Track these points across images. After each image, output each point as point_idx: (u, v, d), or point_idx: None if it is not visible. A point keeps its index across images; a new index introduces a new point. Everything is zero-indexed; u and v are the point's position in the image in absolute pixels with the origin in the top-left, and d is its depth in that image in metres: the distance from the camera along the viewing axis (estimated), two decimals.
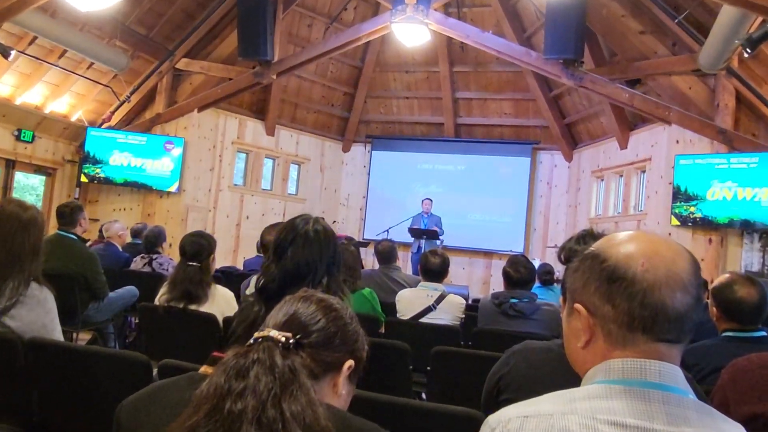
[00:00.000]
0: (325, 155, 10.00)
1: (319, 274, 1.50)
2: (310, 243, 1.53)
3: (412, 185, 9.71)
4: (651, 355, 0.78)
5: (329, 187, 10.05)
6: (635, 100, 6.60)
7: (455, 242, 9.03)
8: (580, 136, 8.90)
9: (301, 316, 0.91)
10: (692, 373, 1.84)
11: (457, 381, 2.29)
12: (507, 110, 9.40)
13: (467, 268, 9.39)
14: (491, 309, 2.97)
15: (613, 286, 0.80)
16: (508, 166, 9.29)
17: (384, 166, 9.96)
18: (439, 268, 3.23)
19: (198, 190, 8.24)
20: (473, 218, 9.37)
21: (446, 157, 9.60)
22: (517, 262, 2.97)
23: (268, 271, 1.52)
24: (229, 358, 0.82)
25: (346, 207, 10.18)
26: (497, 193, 9.27)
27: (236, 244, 8.72)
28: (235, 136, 8.73)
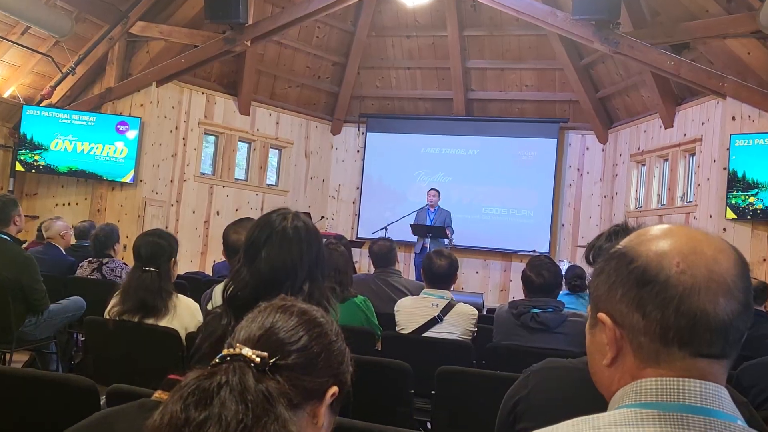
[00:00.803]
0: (311, 138, 10.01)
1: (300, 279, 1.51)
2: (289, 242, 1.54)
3: (415, 173, 9.71)
4: (690, 372, 0.78)
5: (316, 176, 10.07)
6: (682, 69, 6.58)
7: (467, 241, 9.03)
8: (617, 113, 8.92)
9: (279, 331, 0.91)
10: (749, 396, 1.83)
11: (467, 407, 2.30)
12: (528, 82, 9.40)
13: (481, 271, 9.41)
14: (509, 321, 3.00)
15: (643, 291, 0.80)
16: (530, 150, 9.28)
17: (381, 151, 9.96)
18: (445, 272, 3.24)
19: (158, 181, 8.24)
20: (488, 212, 9.37)
21: (455, 139, 9.61)
22: (540, 264, 2.99)
23: (237, 277, 1.53)
24: (189, 380, 0.81)
25: (336, 200, 10.19)
26: (517, 182, 9.26)
27: (204, 245, 8.75)
28: (202, 115, 8.74)
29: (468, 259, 9.29)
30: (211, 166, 9.05)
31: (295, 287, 1.49)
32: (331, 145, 10.22)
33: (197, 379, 0.81)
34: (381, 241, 4.29)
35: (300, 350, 0.90)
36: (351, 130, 10.22)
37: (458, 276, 3.42)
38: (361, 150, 10.11)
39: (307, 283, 1.52)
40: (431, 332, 3.16)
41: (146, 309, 2.67)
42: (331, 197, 10.19)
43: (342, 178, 10.19)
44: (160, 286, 2.69)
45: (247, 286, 1.50)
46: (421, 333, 3.17)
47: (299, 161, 9.87)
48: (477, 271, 9.39)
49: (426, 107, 10.05)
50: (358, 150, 10.15)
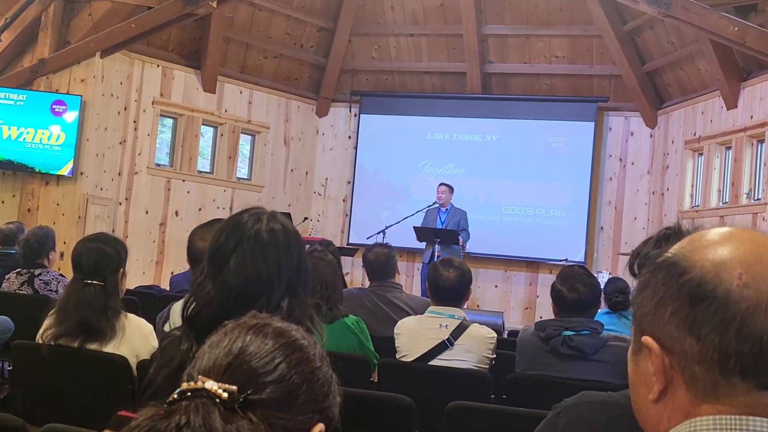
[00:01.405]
0: (292, 122, 10.01)
1: (277, 294, 1.53)
2: (264, 248, 1.56)
3: (420, 165, 9.72)
4: (755, 409, 0.78)
5: (298, 168, 10.08)
6: (748, 36, 6.58)
7: (484, 248, 9.00)
8: (668, 91, 8.94)
9: (251, 358, 0.90)
10: None
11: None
12: (560, 52, 9.43)
13: (501, 285, 9.42)
14: (535, 345, 3.02)
15: (697, 310, 0.80)
16: (562, 135, 9.29)
17: (378, 137, 9.95)
18: (455, 286, 3.26)
19: (102, 174, 8.26)
20: (510, 213, 9.38)
21: (469, 122, 9.61)
22: (573, 276, 3.02)
23: (201, 291, 1.55)
24: (141, 421, 0.81)
25: (322, 197, 10.20)
26: (545, 176, 9.26)
27: (159, 253, 8.78)
28: (158, 93, 8.75)
29: (485, 271, 9.30)
30: (168, 155, 9.05)
31: (271, 303, 1.51)
32: (316, 130, 10.22)
33: (151, 419, 0.80)
34: (378, 247, 4.31)
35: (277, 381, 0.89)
36: (341, 112, 10.21)
37: (472, 291, 3.44)
38: (353, 136, 10.11)
39: (286, 299, 1.53)
40: (439, 360, 3.18)
41: (88, 331, 2.67)
42: (316, 194, 10.19)
43: (330, 170, 10.18)
44: (105, 304, 2.69)
45: (213, 303, 1.51)
46: (426, 361, 3.18)
47: (277, 150, 9.87)
48: (496, 284, 9.39)
49: (433, 83, 10.06)
50: (350, 136, 10.14)
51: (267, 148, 9.75)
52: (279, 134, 9.88)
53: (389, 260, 4.17)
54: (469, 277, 3.32)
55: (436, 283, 3.28)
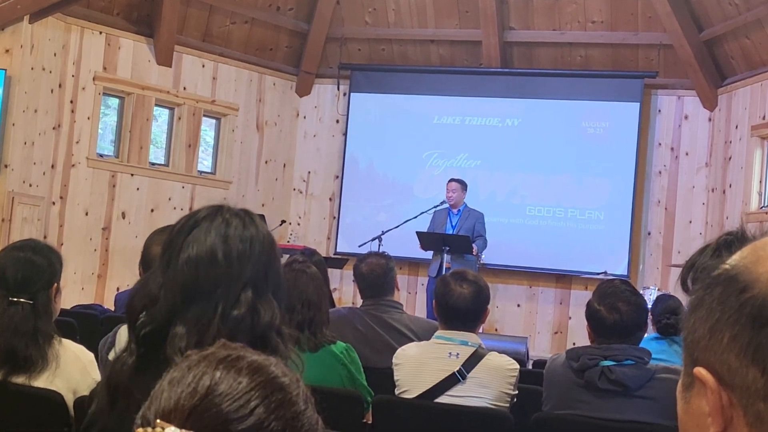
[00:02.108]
0: (267, 102, 10.03)
1: (236, 285, 1.57)
2: (223, 235, 1.62)
3: (425, 155, 9.73)
4: None
5: (274, 159, 10.10)
6: None
7: (504, 258, 9.00)
8: (731, 64, 8.94)
9: (222, 399, 0.91)
10: None
11: None
12: (597, 17, 9.43)
13: (525, 305, 9.42)
14: (567, 379, 3.04)
15: (762, 335, 0.79)
16: (600, 119, 9.30)
17: (373, 122, 9.95)
18: (469, 305, 3.27)
19: (32, 167, 8.25)
20: (536, 215, 9.39)
21: (486, 103, 9.61)
22: (614, 293, 3.04)
23: (144, 288, 1.61)
24: None
25: (304, 195, 10.22)
26: (580, 169, 9.28)
27: (102, 264, 8.77)
28: (100, 66, 8.75)
29: (505, 286, 9.30)
30: (113, 143, 9.05)
31: (229, 296, 1.55)
32: (296, 113, 10.23)
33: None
34: (372, 258, 4.32)
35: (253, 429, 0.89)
36: (326, 90, 10.22)
37: (489, 311, 3.46)
38: (341, 120, 10.11)
39: (249, 291, 1.57)
40: (448, 396, 3.18)
41: (14, 361, 2.65)
42: (296, 191, 10.20)
43: (313, 162, 10.18)
44: (35, 327, 2.67)
45: (158, 300, 1.56)
46: (433, 397, 3.19)
47: (248, 137, 9.87)
48: (519, 303, 9.39)
49: (441, 55, 10.06)
50: (338, 120, 10.14)
51: (235, 134, 9.76)
52: (250, 117, 9.88)
53: (387, 273, 4.18)
54: (486, 295, 3.33)
55: (445, 302, 3.30)
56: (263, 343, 1.50)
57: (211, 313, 1.53)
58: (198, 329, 1.51)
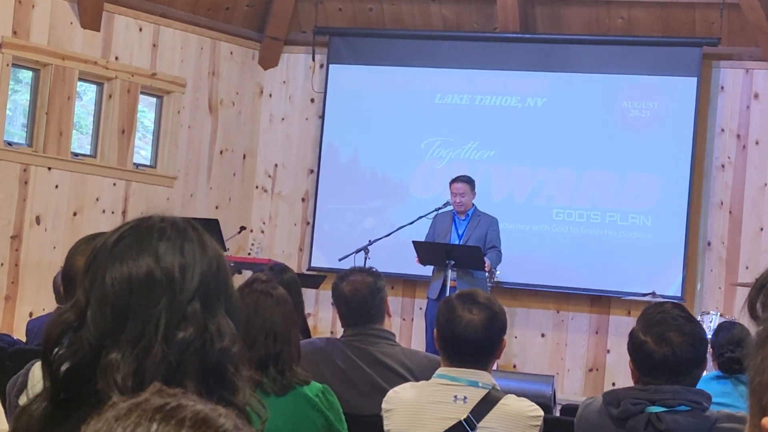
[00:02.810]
0: (222, 76, 10.09)
1: (184, 296, 1.59)
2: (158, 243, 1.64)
3: (425, 145, 9.80)
4: None
5: (231, 149, 10.16)
6: None
7: (525, 275, 9.10)
8: None
9: None
10: None
11: None
12: None
13: (552, 334, 9.47)
14: (605, 427, 3.08)
15: None
16: (646, 99, 9.34)
17: (357, 101, 10.03)
18: (480, 336, 3.29)
19: None
20: (566, 219, 9.45)
21: (502, 78, 9.68)
22: (663, 320, 3.06)
23: (64, 314, 1.61)
24: None
25: (270, 195, 10.28)
26: (621, 162, 9.34)
27: (12, 283, 8.72)
28: (9, 30, 8.74)
29: (527, 311, 9.35)
30: (25, 128, 9.07)
31: (173, 310, 1.56)
32: (259, 89, 10.31)
33: None
34: (357, 275, 4.33)
35: None
36: (298, 61, 10.30)
37: (506, 343, 3.48)
38: (317, 99, 10.16)
39: (197, 303, 1.58)
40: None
41: None
42: (260, 190, 10.26)
43: (281, 152, 10.25)
44: None
45: (84, 325, 1.56)
46: None
47: (198, 120, 9.88)
48: (543, 333, 9.43)
49: (445, 16, 10.08)
50: (313, 99, 10.19)
51: (182, 117, 9.78)
52: (201, 95, 9.89)
53: (375, 295, 4.19)
54: (501, 322, 3.35)
55: (450, 332, 3.30)
56: (217, 377, 1.54)
57: (152, 333, 1.54)
58: (137, 354, 1.52)
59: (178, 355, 1.53)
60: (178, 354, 1.53)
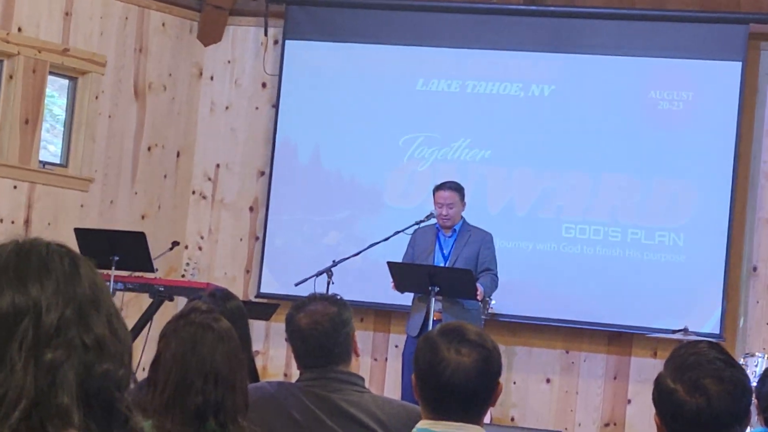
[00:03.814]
0: (152, 53, 10.13)
1: (50, 316, 1.58)
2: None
3: (404, 142, 9.83)
4: None
5: (162, 144, 10.19)
6: None
7: (527, 307, 9.15)
8: None
9: None
10: None
11: None
12: None
13: (559, 380, 9.51)
14: None
15: None
16: (679, 87, 9.39)
17: (320, 86, 10.08)
18: (471, 382, 3.20)
19: None
20: (579, 238, 9.51)
21: (501, 60, 9.73)
22: (698, 364, 3.01)
23: None
24: None
25: (209, 202, 10.31)
26: (647, 166, 9.39)
27: None
28: None
29: (529, 351, 9.41)
30: None
31: (41, 330, 1.55)
32: (198, 71, 10.38)
33: None
34: (318, 304, 4.26)
35: None
36: (247, 36, 10.38)
37: (502, 389, 3.43)
38: (271, 83, 10.22)
39: (71, 323, 1.57)
40: None
41: None
42: (197, 195, 10.32)
43: (225, 150, 10.32)
44: None
45: None
46: None
47: (121, 108, 9.90)
48: (549, 377, 9.47)
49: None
50: (264, 83, 10.27)
51: (101, 103, 9.78)
52: (125, 77, 9.90)
53: (339, 329, 4.14)
54: (497, 364, 3.30)
55: (433, 376, 3.25)
56: (104, 409, 1.53)
57: (14, 355, 1.52)
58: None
59: (49, 382, 1.52)
60: (50, 381, 1.52)
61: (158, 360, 3.28)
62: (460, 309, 7.77)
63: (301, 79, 10.04)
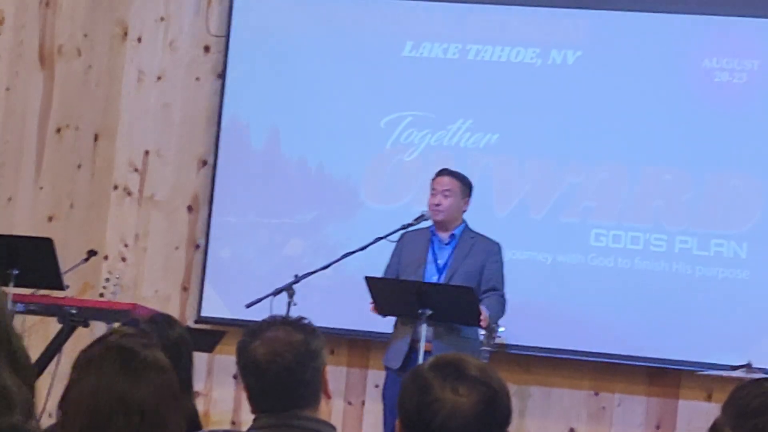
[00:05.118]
0: (63, 9, 10.15)
1: None
2: None
3: (386, 123, 9.95)
4: None
5: (75, 125, 10.26)
6: None
7: (543, 336, 9.26)
8: None
9: None
10: None
11: None
12: None
13: (586, 426, 9.58)
14: None
15: None
16: (741, 56, 9.48)
17: (279, 52, 10.16)
18: (473, 429, 3.17)
19: None
20: (612, 247, 9.59)
21: (512, 19, 9.84)
22: (765, 408, 2.99)
23: None
24: None
25: (137, 200, 10.39)
26: (700, 156, 9.49)
27: None
28: None
29: (548, 392, 9.48)
30: None
31: None
32: (122, 32, 10.43)
33: None
34: (277, 330, 4.22)
35: None
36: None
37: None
38: (215, 47, 10.33)
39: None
40: None
41: None
42: (120, 191, 10.37)
43: (156, 133, 10.41)
44: None
45: None
46: None
47: (22, 79, 9.99)
48: (572, 426, 9.53)
49: None
50: (208, 46, 10.37)
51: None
52: (28, 39, 9.96)
53: (305, 363, 4.11)
54: (504, 407, 3.19)
55: (423, 423, 3.14)
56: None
57: None
58: None
59: None
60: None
61: (68, 394, 3.04)
62: (457, 338, 7.85)
63: (255, 41, 10.11)
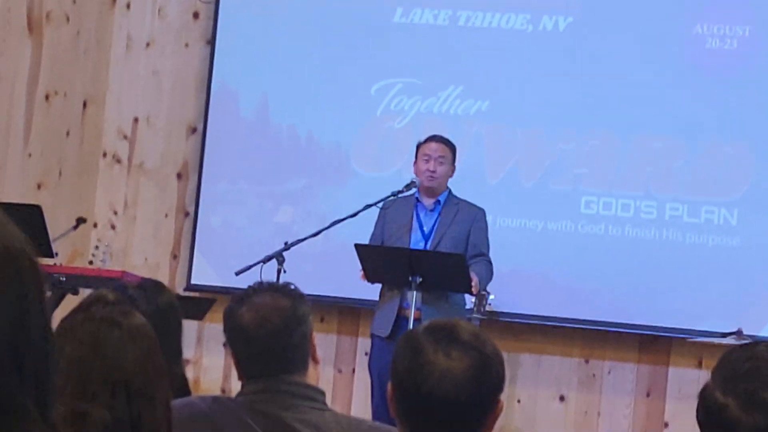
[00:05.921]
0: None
1: None
2: None
3: (376, 91, 9.95)
4: None
5: (64, 91, 10.25)
6: None
7: (534, 304, 9.28)
8: None
9: None
10: None
11: None
12: None
13: (576, 395, 9.60)
14: None
15: None
16: (733, 21, 9.43)
17: (268, 17, 10.16)
18: (463, 396, 3.19)
19: None
20: (602, 214, 9.59)
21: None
22: (754, 373, 2.99)
23: None
24: None
25: (125, 167, 10.42)
26: (690, 124, 9.46)
27: None
28: None
29: (538, 359, 9.50)
30: None
31: None
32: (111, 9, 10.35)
33: None
34: (264, 296, 4.25)
35: None
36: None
37: (503, 405, 3.43)
38: (204, 13, 10.32)
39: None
40: None
41: None
42: (110, 158, 10.40)
43: (145, 99, 10.41)
44: None
45: None
46: None
47: (10, 45, 9.95)
48: (563, 393, 9.55)
49: None
50: (197, 13, 10.36)
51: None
52: (15, 4, 9.90)
53: (293, 328, 4.12)
54: (497, 372, 3.27)
55: (414, 387, 3.18)
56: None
57: None
58: None
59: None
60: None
61: None
62: (445, 304, 7.86)
63: (245, 8, 10.10)
